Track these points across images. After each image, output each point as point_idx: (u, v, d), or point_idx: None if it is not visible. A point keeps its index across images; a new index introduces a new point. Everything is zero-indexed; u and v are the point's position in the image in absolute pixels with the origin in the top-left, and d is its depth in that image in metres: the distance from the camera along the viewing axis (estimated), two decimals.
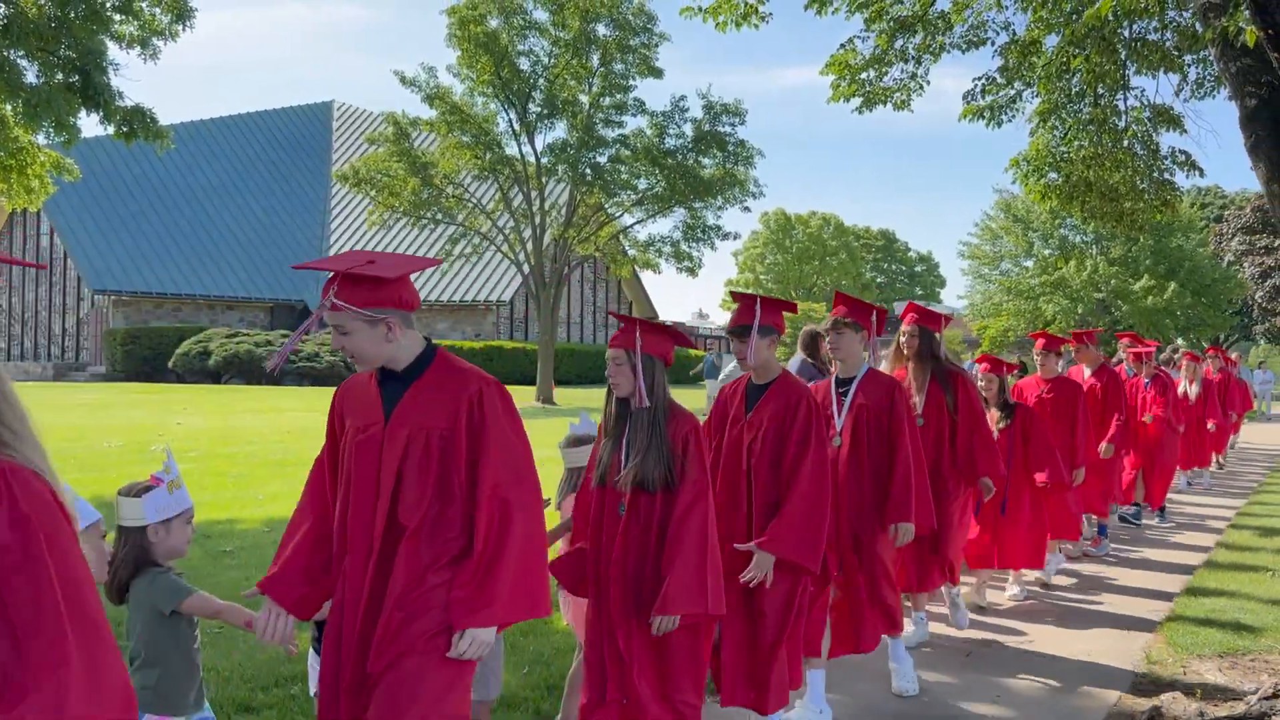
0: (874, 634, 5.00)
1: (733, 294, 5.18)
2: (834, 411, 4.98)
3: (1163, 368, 11.75)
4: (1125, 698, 5.18)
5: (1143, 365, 10.71)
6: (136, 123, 11.88)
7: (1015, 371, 8.91)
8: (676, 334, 3.84)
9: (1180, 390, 12.32)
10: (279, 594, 2.91)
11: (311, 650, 3.53)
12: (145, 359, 34.50)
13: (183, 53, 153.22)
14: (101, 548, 3.03)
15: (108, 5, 11.71)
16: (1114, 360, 11.17)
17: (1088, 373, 8.93)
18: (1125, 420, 8.80)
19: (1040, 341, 8.18)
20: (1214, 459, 14.78)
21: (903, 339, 6.00)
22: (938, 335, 5.96)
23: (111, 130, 12.13)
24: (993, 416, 6.92)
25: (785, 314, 4.45)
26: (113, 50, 12.36)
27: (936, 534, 5.51)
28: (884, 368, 6.16)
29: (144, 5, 12.02)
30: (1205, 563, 8.53)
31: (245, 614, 3.21)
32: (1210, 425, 13.00)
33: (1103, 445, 8.48)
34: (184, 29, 12.41)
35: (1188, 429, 12.11)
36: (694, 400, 14.54)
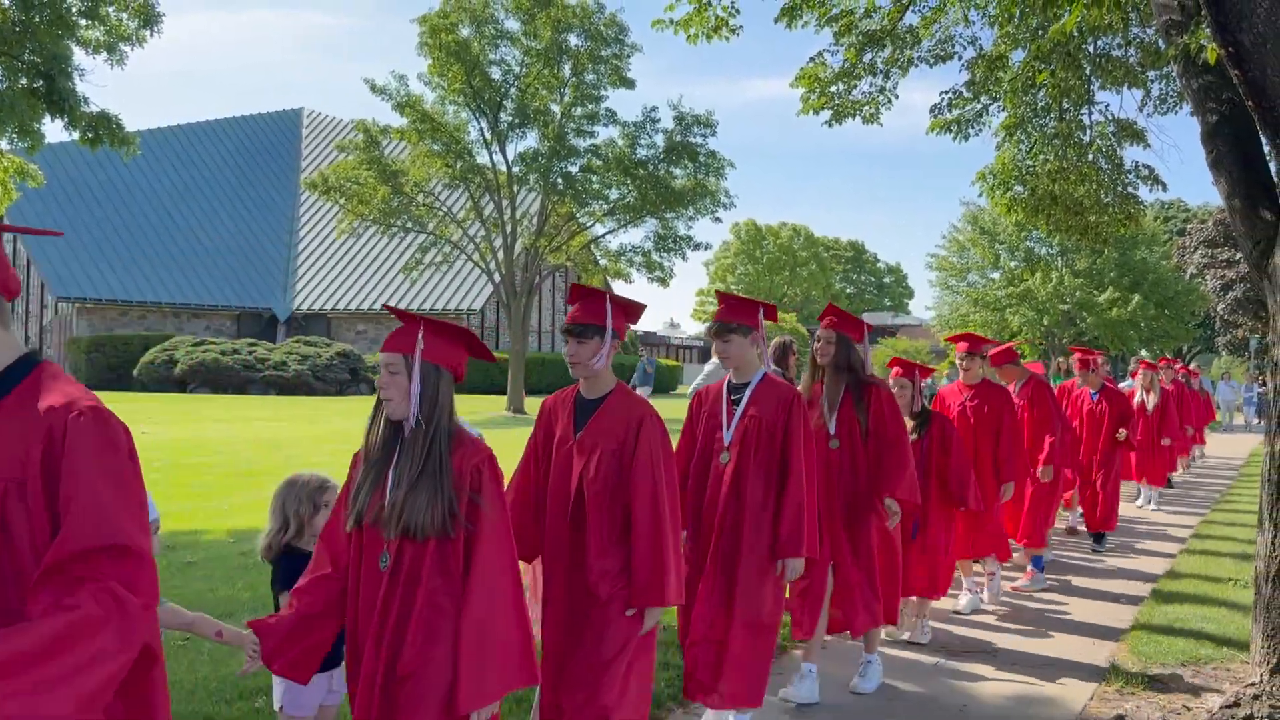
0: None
1: (717, 293, 5.33)
2: (723, 421, 4.50)
3: (1111, 379, 11.24)
4: (1090, 705, 5.23)
5: (1089, 374, 10.00)
6: (102, 128, 11.75)
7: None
8: (471, 339, 3.06)
9: (1136, 400, 12.09)
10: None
11: None
12: (109, 367, 34.04)
13: (151, 59, 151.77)
14: (153, 544, 3.07)
15: (73, 10, 11.58)
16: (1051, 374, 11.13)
17: (1017, 389, 8.20)
18: (1059, 437, 8.05)
19: (961, 344, 7.42)
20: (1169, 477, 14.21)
21: (817, 346, 5.36)
22: (858, 344, 5.35)
23: (76, 136, 11.99)
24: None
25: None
26: (78, 55, 12.24)
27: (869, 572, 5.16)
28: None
29: (110, 10, 11.90)
30: (1168, 572, 8.64)
31: (214, 625, 3.18)
32: (1165, 441, 12.63)
33: (1040, 468, 7.83)
34: (151, 34, 12.30)
35: (1142, 442, 11.74)
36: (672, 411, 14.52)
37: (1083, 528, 10.03)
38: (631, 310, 3.84)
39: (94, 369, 34.02)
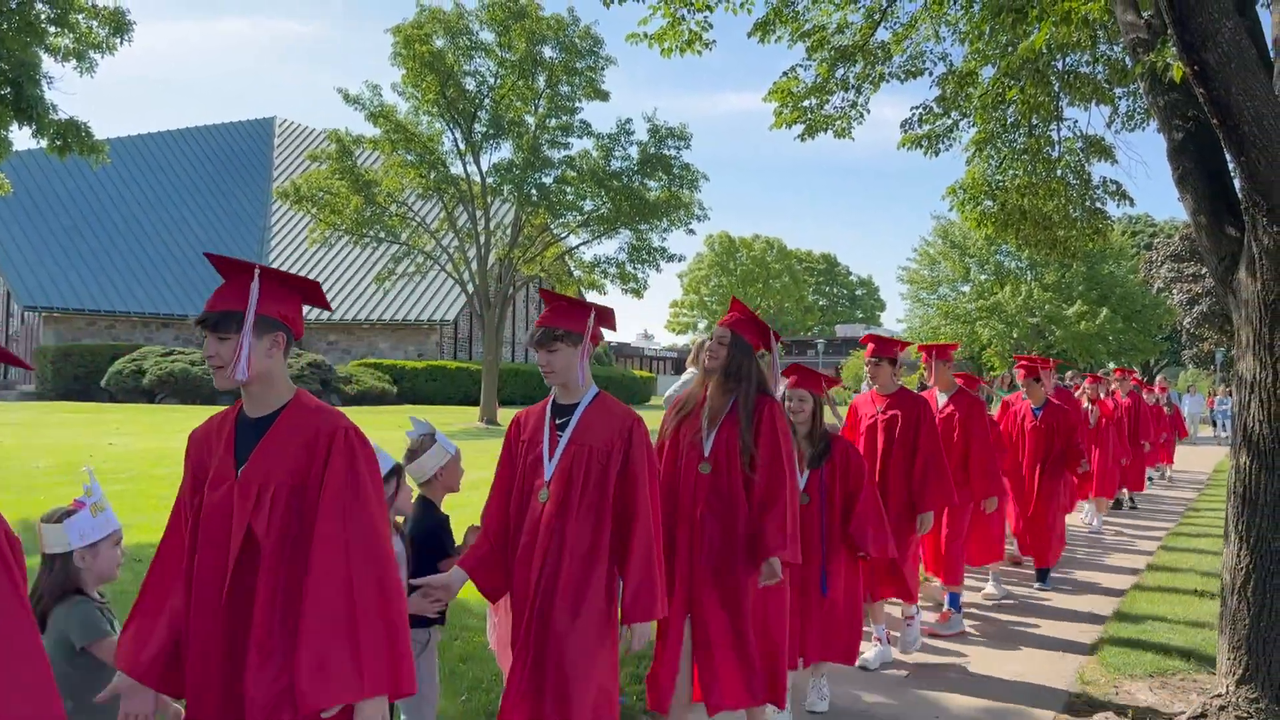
0: None
1: (541, 292, 4.24)
2: (544, 452, 3.61)
3: (1064, 390, 10.28)
4: (1059, 718, 5.26)
5: (1033, 386, 8.86)
6: (71, 136, 11.62)
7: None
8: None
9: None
10: None
11: None
12: (77, 377, 33.59)
13: (123, 67, 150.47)
14: (115, 556, 3.17)
15: (42, 17, 11.46)
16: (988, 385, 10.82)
17: (942, 400, 7.24)
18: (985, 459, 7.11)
19: (869, 346, 6.35)
20: (1124, 494, 13.62)
21: (707, 347, 4.44)
22: (761, 352, 4.46)
23: (45, 144, 11.85)
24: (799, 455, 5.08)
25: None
26: (47, 63, 12.09)
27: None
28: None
29: (80, 18, 11.78)
30: (1136, 585, 8.72)
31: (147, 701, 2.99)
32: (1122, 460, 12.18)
33: (984, 500, 7.15)
34: (122, 42, 12.18)
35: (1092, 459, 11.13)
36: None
37: (941, 629, 7.20)
38: (605, 316, 3.71)
39: (61, 379, 33.57)
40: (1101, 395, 12.00)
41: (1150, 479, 16.40)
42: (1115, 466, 12.17)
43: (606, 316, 3.71)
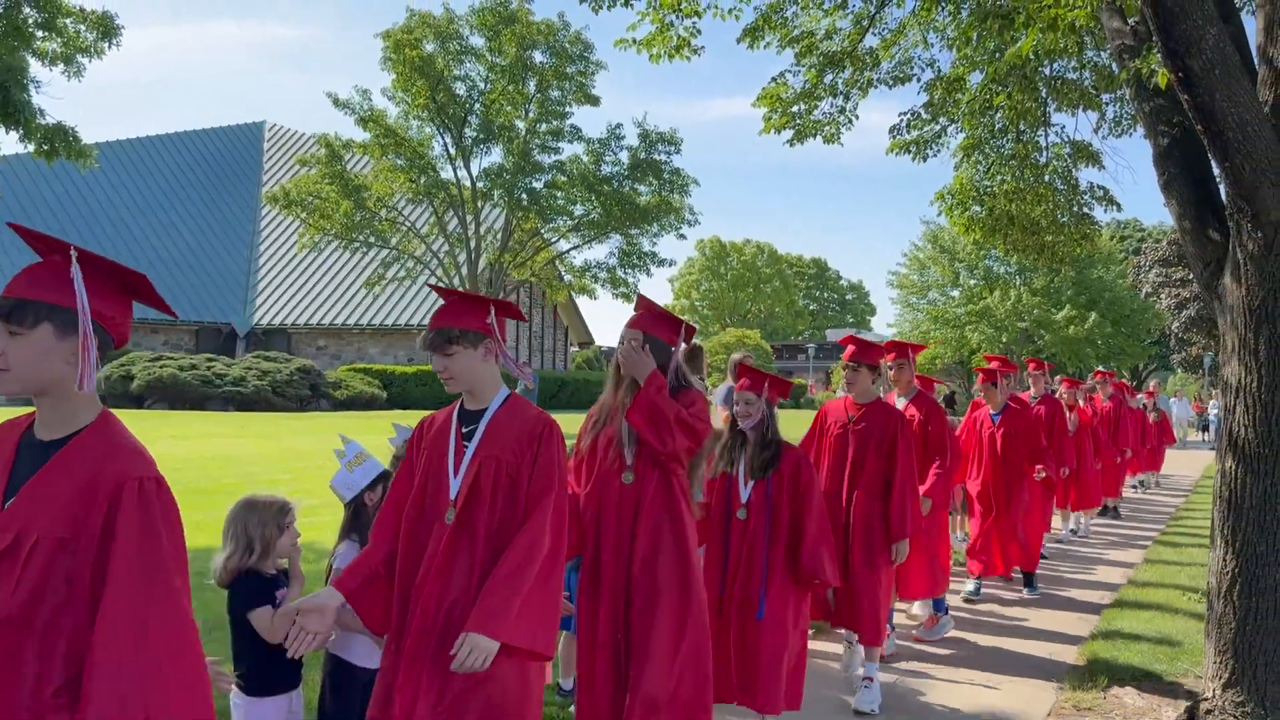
0: None
1: (432, 287, 4.29)
2: (449, 465, 3.14)
3: (1021, 394, 9.89)
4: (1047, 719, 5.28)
5: (990, 390, 8.41)
6: (58, 141, 11.58)
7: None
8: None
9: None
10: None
11: (236, 690, 3.43)
12: None
13: (111, 71, 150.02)
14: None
15: (29, 21, 11.43)
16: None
17: (902, 403, 6.63)
18: (950, 467, 6.61)
19: (848, 349, 5.81)
20: (1106, 501, 13.01)
21: (619, 349, 4.09)
22: (674, 348, 4.07)
23: (32, 148, 11.81)
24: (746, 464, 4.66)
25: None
26: (34, 67, 12.05)
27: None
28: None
29: (68, 22, 11.75)
30: (1123, 589, 8.75)
31: None
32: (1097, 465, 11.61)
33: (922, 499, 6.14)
34: (110, 46, 12.15)
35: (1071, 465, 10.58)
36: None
37: (926, 635, 7.07)
38: (505, 309, 3.33)
39: None
40: (1080, 401, 11.47)
41: (1133, 487, 15.77)
42: (1095, 474, 11.66)
43: (507, 309, 3.32)
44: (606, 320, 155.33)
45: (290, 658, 3.02)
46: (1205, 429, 33.09)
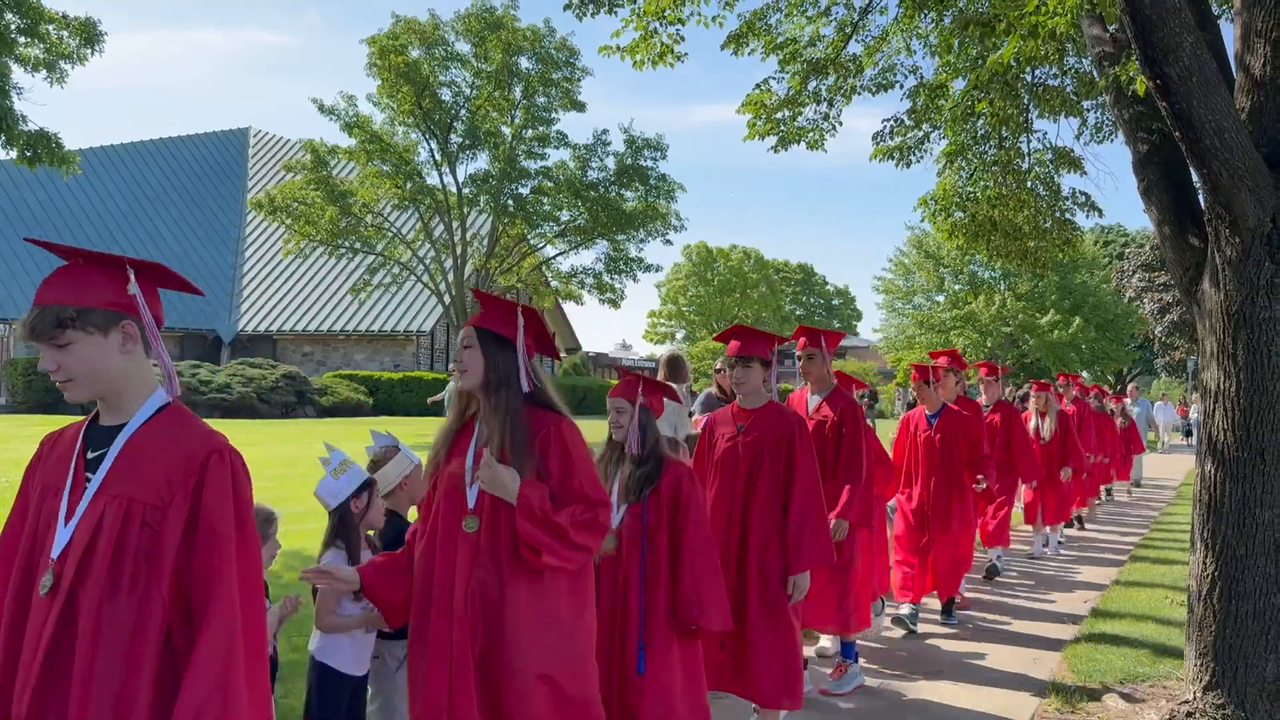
0: None
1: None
2: (61, 505, 2.26)
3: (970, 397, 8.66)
4: None
5: (925, 389, 7.56)
6: (41, 147, 11.52)
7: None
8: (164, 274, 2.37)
9: (1030, 427, 10.41)
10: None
11: None
12: (49, 390, 33.19)
13: (94, 77, 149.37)
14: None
15: (12, 28, 11.37)
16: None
17: (814, 402, 5.73)
18: (869, 479, 5.62)
19: (734, 344, 4.83)
20: (1074, 512, 12.24)
21: (455, 361, 3.26)
22: (513, 344, 3.13)
23: (14, 155, 11.74)
24: (618, 482, 4.03)
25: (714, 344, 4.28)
26: (17, 73, 11.98)
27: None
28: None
29: (50, 28, 11.69)
30: (1105, 593, 8.79)
31: None
32: (1065, 473, 10.61)
33: (832, 520, 5.18)
34: (93, 53, 12.09)
35: (1039, 476, 9.99)
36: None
37: (832, 688, 6.04)
38: (156, 274, 2.71)
39: (32, 391, 33.20)
40: (1044, 406, 10.67)
41: (1099, 499, 14.63)
42: (1068, 486, 10.92)
43: (158, 274, 2.52)
44: (594, 326, 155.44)
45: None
46: (1189, 433, 33.25)
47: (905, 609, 7.16)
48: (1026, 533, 11.11)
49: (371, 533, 3.91)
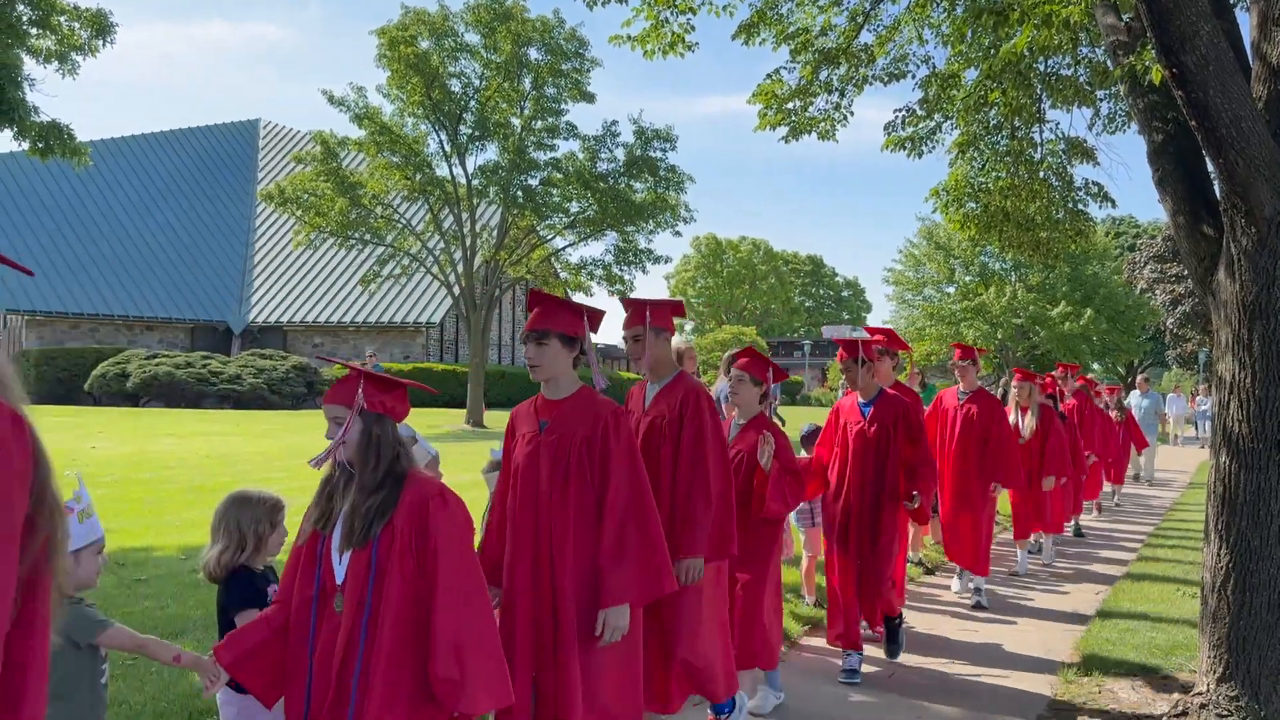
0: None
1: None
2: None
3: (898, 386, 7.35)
4: (1044, 716, 5.29)
5: (851, 369, 6.02)
6: (53, 139, 11.55)
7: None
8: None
9: (1011, 422, 8.77)
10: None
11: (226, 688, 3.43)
12: (60, 380, 33.38)
13: (104, 70, 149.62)
14: (96, 564, 3.08)
15: (23, 19, 11.40)
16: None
17: (653, 393, 4.63)
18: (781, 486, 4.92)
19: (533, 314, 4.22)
20: (1072, 520, 11.14)
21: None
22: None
23: (26, 146, 11.78)
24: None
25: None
26: (29, 65, 12.03)
27: None
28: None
29: (62, 20, 11.72)
30: (1117, 585, 8.77)
31: (171, 649, 3.13)
32: (1047, 482, 9.08)
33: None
34: (104, 44, 12.12)
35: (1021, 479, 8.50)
36: None
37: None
38: (593, 316, 3.76)
39: (44, 382, 33.35)
40: (1032, 401, 9.16)
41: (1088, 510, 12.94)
42: (1058, 491, 9.65)
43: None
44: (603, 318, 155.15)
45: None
46: (1195, 425, 33.08)
47: (850, 660, 5.78)
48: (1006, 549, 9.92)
49: None
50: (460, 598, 2.83)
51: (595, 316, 3.80)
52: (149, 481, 13.12)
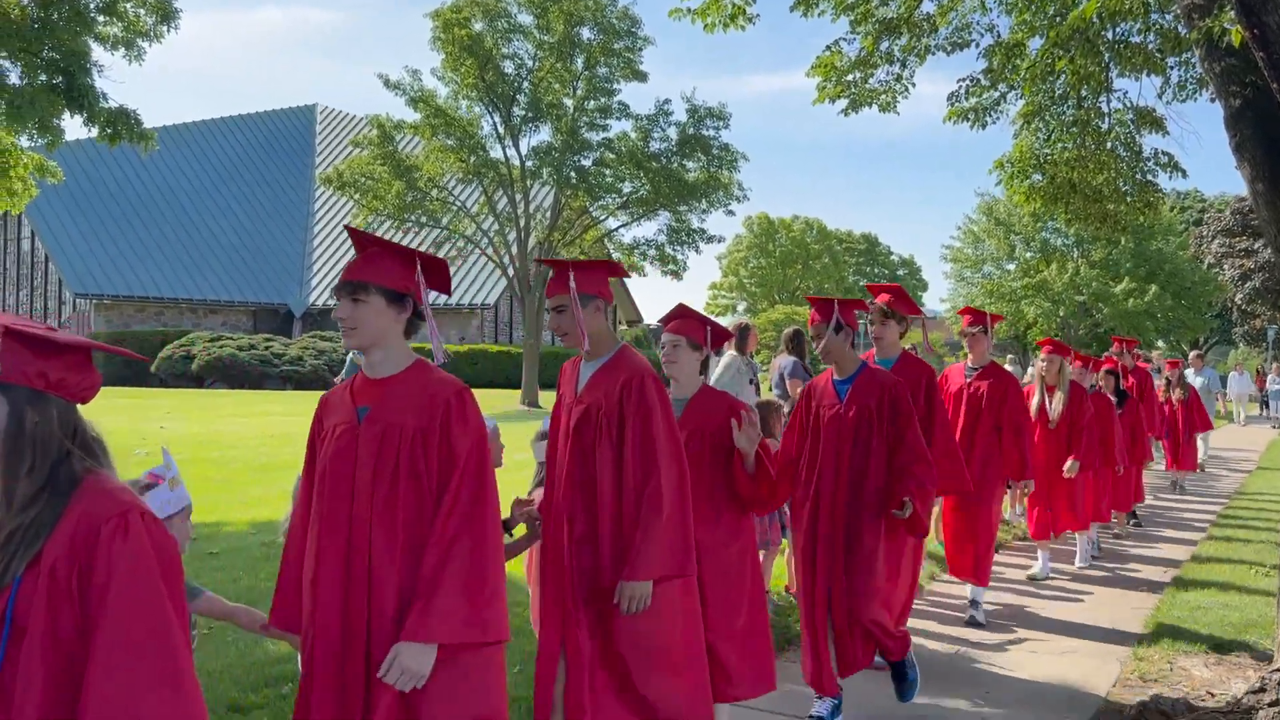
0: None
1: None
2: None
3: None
4: (1114, 691, 5.22)
5: (835, 342, 4.72)
6: (121, 124, 11.79)
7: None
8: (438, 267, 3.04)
9: (1034, 404, 7.88)
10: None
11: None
12: (128, 363, 34.24)
13: (164, 57, 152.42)
14: (188, 530, 3.13)
15: (91, 6, 11.63)
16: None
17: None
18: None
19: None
20: (1117, 516, 9.70)
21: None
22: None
23: (95, 132, 12.04)
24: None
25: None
26: (96, 52, 12.30)
27: None
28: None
29: (128, 6, 11.94)
30: (1192, 559, 8.62)
31: (259, 616, 3.20)
32: (1070, 467, 7.80)
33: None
34: (169, 30, 12.34)
35: (1045, 465, 7.65)
36: None
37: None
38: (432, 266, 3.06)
39: (112, 365, 34.26)
40: (1062, 378, 8.04)
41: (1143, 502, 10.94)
42: (1086, 479, 8.19)
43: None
44: (655, 298, 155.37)
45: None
46: (1266, 404, 32.15)
47: (819, 707, 4.67)
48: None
49: None
50: (128, 657, 1.88)
51: (435, 266, 3.08)
52: (216, 460, 13.43)
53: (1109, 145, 8.74)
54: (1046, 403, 7.97)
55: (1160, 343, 42.27)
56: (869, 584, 4.52)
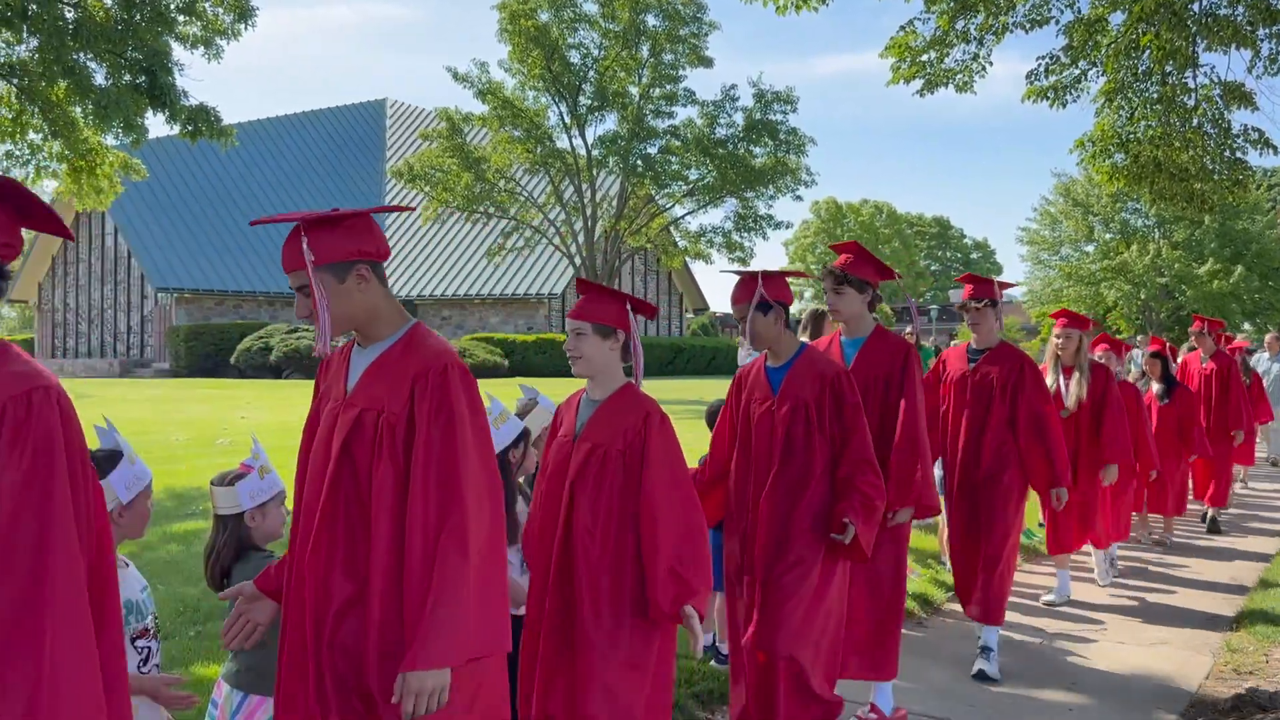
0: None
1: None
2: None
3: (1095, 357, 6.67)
4: (1206, 684, 5.08)
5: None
6: (201, 121, 12.11)
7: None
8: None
9: (1050, 388, 6.12)
10: None
11: None
12: (207, 355, 35.19)
13: (236, 55, 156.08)
14: (281, 515, 3.20)
15: (172, 6, 11.94)
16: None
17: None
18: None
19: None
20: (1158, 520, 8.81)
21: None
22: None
23: (177, 129, 12.37)
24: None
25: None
26: (177, 51, 12.62)
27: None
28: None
29: (207, 6, 12.24)
30: (1276, 559, 8.33)
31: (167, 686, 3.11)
32: (1109, 473, 6.65)
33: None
34: (246, 28, 12.62)
35: (1081, 471, 6.52)
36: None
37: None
38: (641, 307, 3.23)
39: (192, 357, 35.25)
40: (1083, 362, 6.71)
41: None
42: (1125, 482, 7.17)
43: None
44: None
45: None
46: None
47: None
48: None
49: (521, 479, 4.00)
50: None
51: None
52: (295, 449, 13.71)
53: (1195, 122, 8.47)
54: (1062, 386, 6.60)
55: (1246, 325, 40.88)
56: (795, 611, 3.64)
